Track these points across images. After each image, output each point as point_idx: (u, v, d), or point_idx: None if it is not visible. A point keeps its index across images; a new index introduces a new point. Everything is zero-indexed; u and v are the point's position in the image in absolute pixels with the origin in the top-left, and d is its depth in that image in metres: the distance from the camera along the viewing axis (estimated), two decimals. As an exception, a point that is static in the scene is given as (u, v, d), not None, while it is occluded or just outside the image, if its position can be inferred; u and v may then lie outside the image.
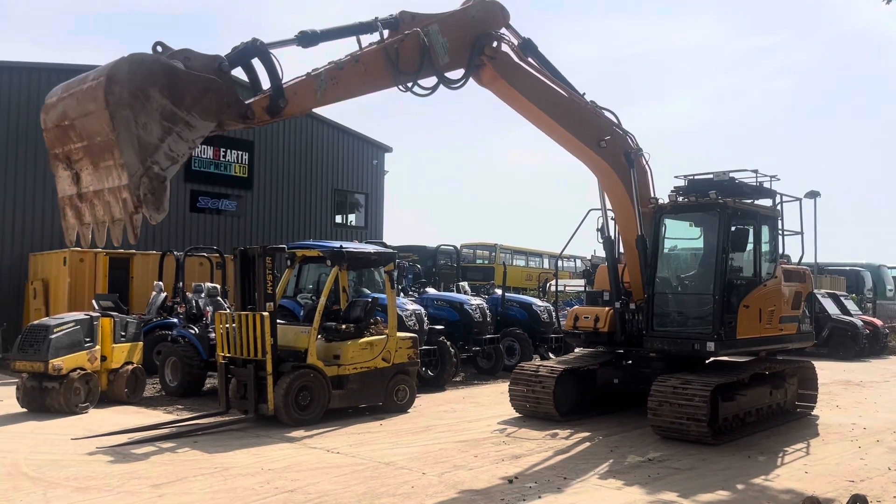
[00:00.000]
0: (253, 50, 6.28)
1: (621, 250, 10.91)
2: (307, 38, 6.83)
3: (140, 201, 5.14)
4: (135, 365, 11.63)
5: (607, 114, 10.15)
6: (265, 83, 6.54)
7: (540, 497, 6.63)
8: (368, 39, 7.55)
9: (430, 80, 8.10)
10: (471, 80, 8.64)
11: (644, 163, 10.54)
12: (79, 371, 10.56)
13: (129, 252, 18.79)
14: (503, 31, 9.03)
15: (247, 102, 6.15)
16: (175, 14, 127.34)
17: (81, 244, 6.05)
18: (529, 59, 9.33)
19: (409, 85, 7.82)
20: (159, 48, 5.74)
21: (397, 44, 7.58)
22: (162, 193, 5.30)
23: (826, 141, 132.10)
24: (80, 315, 11.26)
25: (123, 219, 5.30)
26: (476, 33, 8.56)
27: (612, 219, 10.91)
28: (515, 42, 9.22)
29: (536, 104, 9.26)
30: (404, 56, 7.62)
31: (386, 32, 7.64)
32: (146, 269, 18.06)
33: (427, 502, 6.42)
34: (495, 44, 8.75)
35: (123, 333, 11.58)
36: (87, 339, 10.91)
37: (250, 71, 6.46)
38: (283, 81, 6.47)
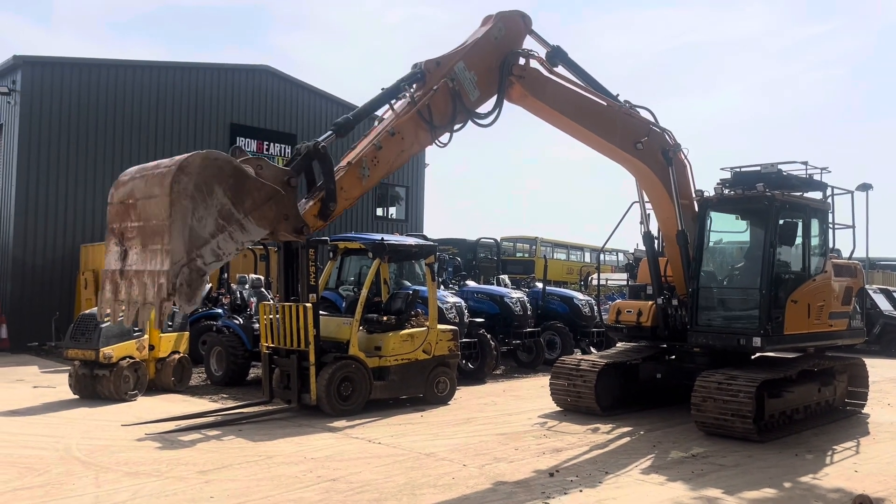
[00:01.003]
0: (314, 153, 6.50)
1: (663, 244, 10.76)
2: (343, 128, 6.96)
3: (174, 290, 5.18)
4: (181, 354, 11.90)
5: (643, 112, 9.74)
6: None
7: (581, 491, 6.60)
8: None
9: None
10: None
11: (683, 157, 10.23)
12: (128, 359, 10.85)
13: (176, 244, 19.17)
14: (528, 41, 8.63)
15: (302, 213, 6.22)
16: (217, 5, 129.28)
17: (111, 321, 5.97)
18: (559, 69, 8.88)
19: (444, 139, 7.62)
20: (237, 151, 6.03)
21: (428, 100, 7.35)
22: (198, 287, 5.32)
23: (880, 132, 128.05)
24: (129, 305, 11.52)
25: (154, 303, 5.32)
26: (502, 55, 8.16)
27: (650, 213, 10.76)
28: (543, 52, 8.78)
29: (568, 115, 8.85)
30: (437, 110, 7.42)
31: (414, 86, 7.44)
32: (192, 260, 18.39)
33: (468, 494, 6.44)
34: (522, 61, 8.31)
35: (170, 323, 11.85)
36: (136, 329, 11.18)
37: (309, 172, 6.58)
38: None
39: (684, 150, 10.23)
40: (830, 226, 10.58)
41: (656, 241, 10.85)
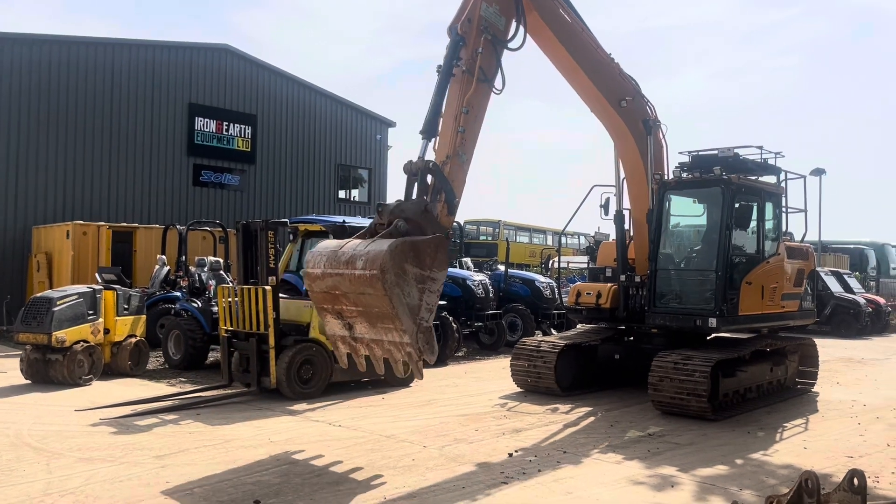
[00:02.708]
0: (426, 171, 7.15)
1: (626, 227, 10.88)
2: (430, 132, 7.46)
3: (422, 351, 6.34)
4: (138, 338, 11.70)
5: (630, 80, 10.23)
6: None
7: (539, 471, 6.68)
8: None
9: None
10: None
11: (661, 136, 10.55)
12: (82, 343, 10.62)
13: (132, 226, 18.85)
14: None
15: (435, 214, 7.02)
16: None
17: (359, 369, 7.09)
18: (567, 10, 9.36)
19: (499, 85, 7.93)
20: (384, 208, 6.86)
21: (480, 63, 7.65)
22: (432, 339, 6.46)
23: (833, 118, 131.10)
24: (82, 288, 11.30)
25: (409, 364, 6.54)
26: None
27: (614, 195, 10.87)
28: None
29: (573, 55, 9.29)
30: (488, 67, 7.73)
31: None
32: (149, 242, 18.11)
33: (428, 475, 6.47)
34: None
35: (126, 306, 11.63)
36: (91, 312, 10.96)
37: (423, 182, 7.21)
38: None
39: (663, 129, 10.49)
40: (784, 209, 10.81)
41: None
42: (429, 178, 7.16)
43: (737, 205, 9.65)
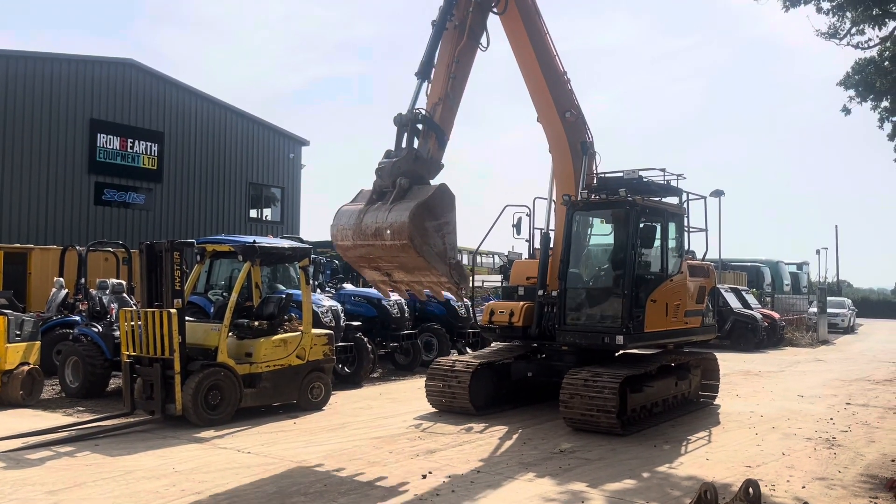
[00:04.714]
0: (420, 120, 8.04)
1: (537, 246, 11.10)
2: (425, 73, 8.45)
3: (457, 282, 7.49)
4: (31, 366, 11.01)
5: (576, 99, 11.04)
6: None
7: (453, 491, 6.67)
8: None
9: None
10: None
11: (594, 165, 11.03)
12: (-32, 373, 9.91)
13: (27, 247, 17.86)
14: None
15: (427, 155, 7.97)
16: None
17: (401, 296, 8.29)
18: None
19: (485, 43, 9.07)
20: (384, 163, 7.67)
21: (473, 23, 8.77)
22: (463, 270, 7.61)
23: (732, 142, 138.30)
24: (-31, 313, 10.57)
25: (451, 292, 7.90)
26: None
27: (526, 214, 11.10)
28: None
29: (536, 52, 10.28)
30: (477, 26, 8.87)
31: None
32: (45, 264, 17.16)
33: (340, 500, 6.35)
34: None
35: (18, 332, 10.95)
36: (-22, 339, 10.25)
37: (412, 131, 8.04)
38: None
39: (597, 159, 11.12)
40: (686, 229, 11.29)
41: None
42: (419, 127, 8.01)
43: (641, 225, 10.01)
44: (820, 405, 12.17)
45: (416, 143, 8.02)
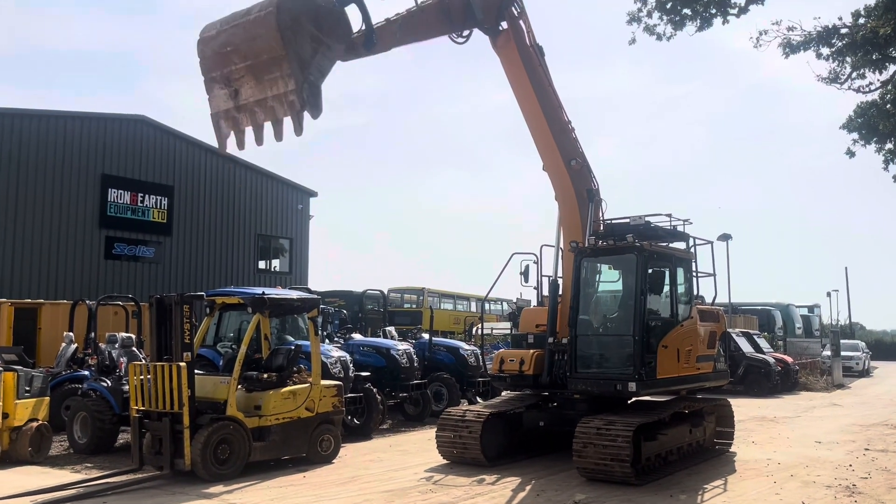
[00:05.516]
0: None
1: (545, 293, 11.09)
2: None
3: (305, 102, 6.63)
4: (40, 422, 10.95)
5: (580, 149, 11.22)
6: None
7: (466, 546, 6.53)
8: None
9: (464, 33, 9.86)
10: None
11: (600, 212, 11.15)
12: (-23, 430, 9.87)
13: (37, 302, 17.95)
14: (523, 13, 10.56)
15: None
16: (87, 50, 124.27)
17: (238, 147, 7.32)
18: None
19: (454, 37, 9.57)
20: None
21: (449, 1, 9.22)
22: (318, 98, 6.78)
23: (739, 186, 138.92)
24: (-21, 370, 10.57)
25: (290, 117, 6.82)
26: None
27: (534, 262, 11.13)
28: (532, 37, 10.66)
29: (536, 92, 10.54)
30: (454, 11, 9.39)
31: None
32: (55, 319, 17.21)
33: (351, 557, 6.23)
34: (516, 12, 10.42)
35: (28, 388, 10.93)
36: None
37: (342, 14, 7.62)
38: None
39: (603, 206, 11.22)
40: (695, 274, 11.27)
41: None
42: None
43: (650, 271, 10.00)
44: (838, 451, 11.94)
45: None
